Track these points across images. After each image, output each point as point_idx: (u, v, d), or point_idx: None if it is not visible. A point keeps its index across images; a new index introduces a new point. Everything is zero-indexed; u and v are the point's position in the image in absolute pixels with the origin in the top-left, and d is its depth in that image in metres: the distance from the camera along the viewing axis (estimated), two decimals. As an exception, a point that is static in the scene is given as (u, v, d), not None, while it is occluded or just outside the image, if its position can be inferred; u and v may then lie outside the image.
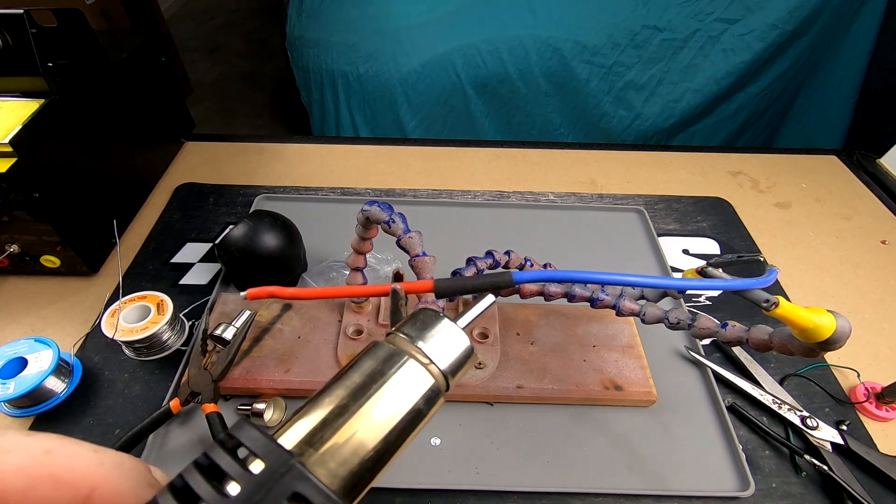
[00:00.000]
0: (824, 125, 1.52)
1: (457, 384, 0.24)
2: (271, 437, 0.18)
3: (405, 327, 0.24)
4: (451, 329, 0.24)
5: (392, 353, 0.23)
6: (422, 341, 0.23)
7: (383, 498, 0.43)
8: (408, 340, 0.23)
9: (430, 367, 0.23)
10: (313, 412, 0.20)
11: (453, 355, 0.24)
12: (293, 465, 0.17)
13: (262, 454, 0.17)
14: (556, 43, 1.42)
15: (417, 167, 0.79)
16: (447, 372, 0.23)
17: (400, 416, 0.21)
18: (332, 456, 0.19)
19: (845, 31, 1.39)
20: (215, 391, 0.45)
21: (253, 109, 2.34)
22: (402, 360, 0.22)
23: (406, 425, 0.21)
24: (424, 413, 0.22)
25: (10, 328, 0.55)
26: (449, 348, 0.24)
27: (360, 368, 0.22)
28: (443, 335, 0.24)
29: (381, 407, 0.21)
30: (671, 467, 0.45)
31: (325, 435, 0.19)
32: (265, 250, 0.52)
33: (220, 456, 0.17)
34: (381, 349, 0.23)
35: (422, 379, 0.22)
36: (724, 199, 0.75)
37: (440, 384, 0.23)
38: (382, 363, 0.22)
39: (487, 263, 0.46)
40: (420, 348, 0.23)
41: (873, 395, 0.50)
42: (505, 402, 0.48)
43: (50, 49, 0.52)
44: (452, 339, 0.24)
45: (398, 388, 0.22)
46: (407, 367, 0.22)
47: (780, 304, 0.34)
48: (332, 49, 1.49)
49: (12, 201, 0.49)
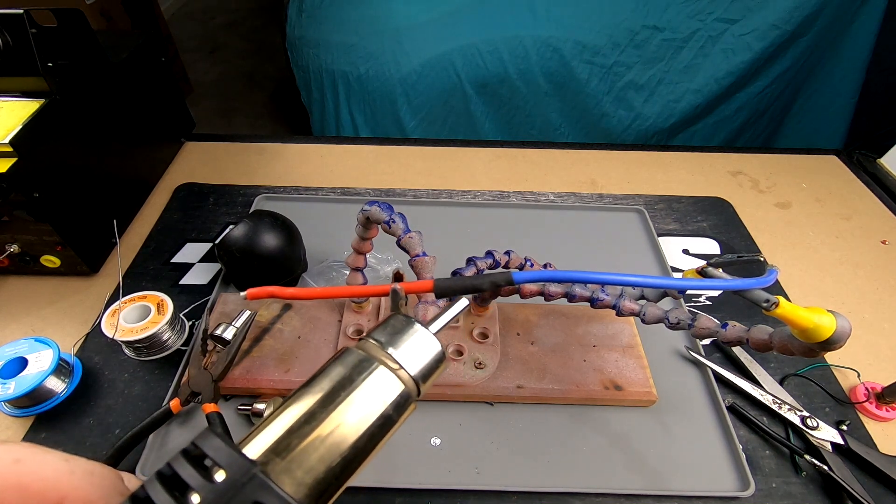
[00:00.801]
0: (824, 125, 1.52)
1: (456, 383, 0.24)
2: (235, 446, 0.18)
3: (376, 333, 0.24)
4: (423, 334, 0.24)
5: (362, 360, 0.23)
6: (392, 347, 0.23)
7: (383, 498, 0.43)
8: (378, 346, 0.23)
9: (401, 373, 0.23)
10: (280, 420, 0.20)
11: (424, 361, 0.24)
12: (255, 475, 0.17)
13: (225, 464, 0.17)
14: (556, 43, 1.42)
15: (417, 167, 0.79)
16: (418, 377, 0.23)
17: (369, 423, 0.21)
18: (298, 464, 0.19)
19: (845, 31, 1.40)
20: (215, 391, 0.45)
21: (253, 109, 2.34)
22: (371, 366, 0.22)
23: (375, 431, 0.21)
24: (395, 419, 0.22)
25: (10, 328, 0.55)
26: (420, 354, 0.24)
27: (330, 375, 0.22)
28: (414, 341, 0.24)
29: (349, 414, 0.21)
30: (671, 467, 0.45)
31: (291, 443, 0.19)
32: (265, 250, 0.52)
33: (183, 466, 0.17)
34: (351, 355, 0.23)
35: (391, 385, 0.22)
36: (724, 199, 0.75)
37: (410, 390, 0.23)
38: (352, 369, 0.22)
39: (487, 263, 0.46)
40: (390, 354, 0.23)
41: (873, 395, 0.50)
42: (505, 402, 0.48)
43: (50, 49, 0.52)
44: (424, 345, 0.24)
45: (367, 394, 0.22)
46: (377, 374, 0.22)
47: (780, 304, 0.34)
48: (332, 49, 1.49)
49: (12, 201, 0.49)
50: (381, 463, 0.44)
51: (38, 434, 0.46)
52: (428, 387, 0.24)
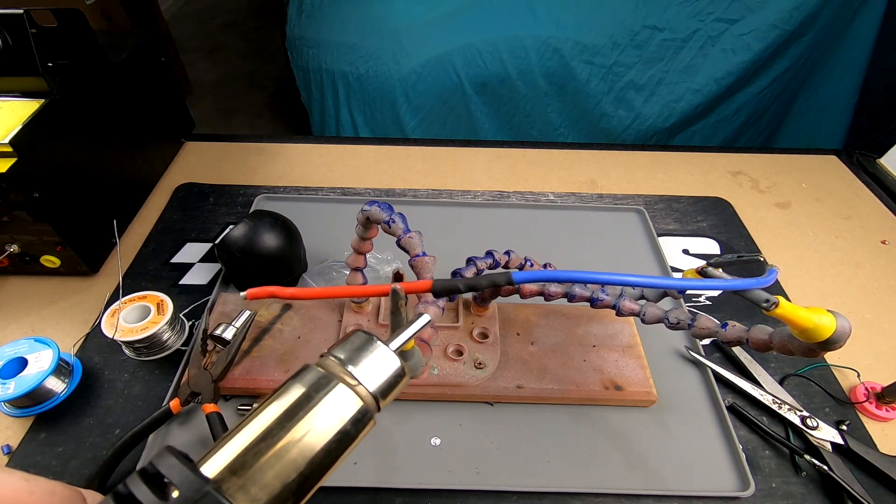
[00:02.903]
0: (824, 125, 1.52)
1: (456, 383, 0.25)
2: (191, 465, 0.18)
3: (336, 349, 0.25)
4: (383, 352, 0.25)
5: (321, 377, 0.23)
6: (352, 364, 0.24)
7: (383, 498, 0.43)
8: (338, 363, 0.24)
9: (359, 390, 0.23)
10: (239, 439, 0.20)
11: (383, 377, 0.24)
12: (207, 492, 0.17)
13: (178, 482, 0.18)
14: (556, 43, 1.42)
15: (417, 167, 0.79)
16: (377, 394, 0.24)
17: (327, 439, 0.22)
18: (253, 481, 0.19)
19: (845, 31, 1.40)
20: (215, 391, 0.45)
21: (253, 109, 2.34)
22: (330, 384, 0.23)
23: (334, 447, 0.22)
24: (353, 435, 0.23)
25: (10, 328, 0.55)
26: (380, 371, 0.24)
27: (289, 392, 0.22)
28: (373, 358, 0.25)
29: (307, 430, 0.21)
30: (671, 467, 0.45)
31: (247, 461, 0.20)
32: (265, 250, 0.52)
33: (137, 486, 0.18)
34: (310, 372, 0.23)
35: (350, 402, 0.23)
36: (724, 199, 0.75)
37: (370, 406, 0.23)
38: (311, 387, 0.23)
39: (487, 263, 0.46)
40: (350, 371, 0.24)
41: (873, 395, 0.50)
42: (505, 402, 0.48)
43: (50, 49, 0.52)
44: (383, 362, 0.25)
45: (326, 411, 0.22)
46: (336, 391, 0.23)
47: (780, 304, 0.34)
48: (332, 49, 1.49)
49: (12, 201, 0.49)
50: (381, 463, 0.44)
51: (37, 434, 0.46)
52: (387, 402, 0.25)
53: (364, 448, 0.45)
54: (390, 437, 0.46)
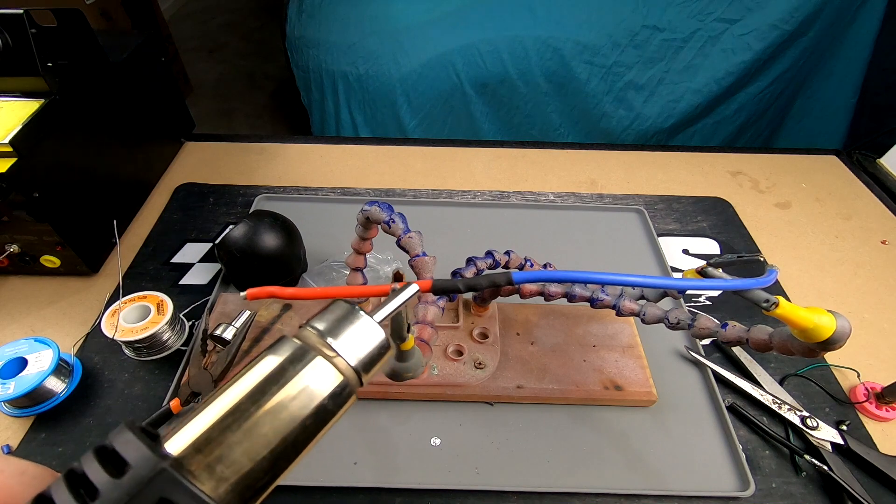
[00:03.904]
0: (824, 125, 1.52)
1: (456, 383, 0.24)
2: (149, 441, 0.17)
3: (314, 320, 0.23)
4: (365, 322, 0.23)
5: (297, 349, 0.22)
6: (331, 336, 0.22)
7: (383, 498, 0.43)
8: (316, 334, 0.22)
9: (338, 362, 0.22)
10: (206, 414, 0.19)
11: (366, 350, 0.23)
12: (163, 469, 0.16)
13: (132, 460, 0.16)
14: (556, 43, 1.42)
15: (417, 167, 0.79)
16: (358, 367, 0.22)
17: (303, 415, 0.20)
18: (219, 459, 0.18)
19: (845, 31, 1.40)
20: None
21: (253, 109, 2.34)
22: (307, 356, 0.21)
23: (310, 423, 0.20)
24: (332, 410, 0.21)
25: (10, 328, 0.55)
26: (362, 343, 0.23)
27: (263, 365, 0.21)
28: (356, 329, 0.23)
29: (280, 405, 0.20)
30: (671, 467, 0.45)
31: (213, 437, 0.18)
32: (265, 250, 0.52)
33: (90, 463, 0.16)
34: (286, 344, 0.22)
35: (328, 375, 0.21)
36: (724, 199, 0.75)
37: (350, 380, 0.22)
38: (286, 359, 0.21)
39: (487, 263, 0.46)
40: (329, 343, 0.22)
41: (873, 395, 0.50)
42: (505, 402, 0.48)
43: (50, 49, 0.52)
44: (366, 333, 0.23)
45: (302, 385, 0.21)
46: (313, 364, 0.21)
47: (780, 304, 0.34)
48: (332, 49, 1.49)
49: (12, 201, 0.49)
50: (381, 463, 0.44)
51: (37, 434, 0.46)
52: (371, 377, 0.23)
53: (364, 448, 0.45)
54: (390, 437, 0.46)
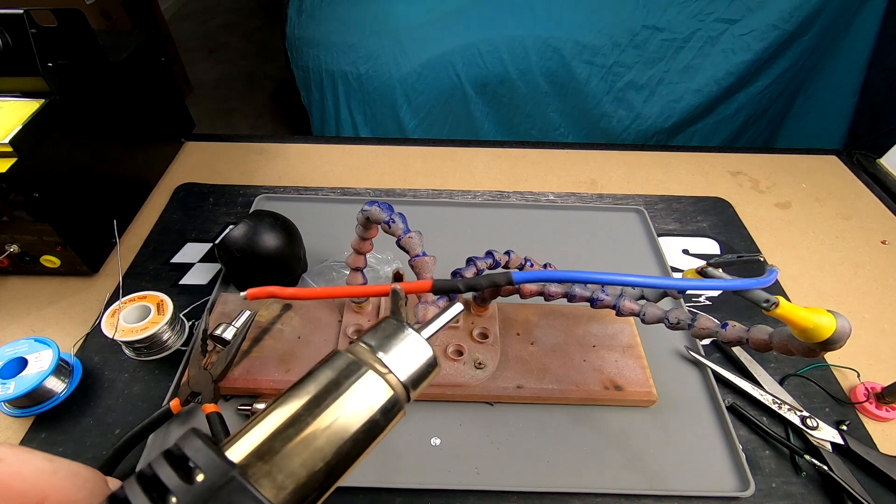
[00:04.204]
0: (824, 125, 1.52)
1: (456, 383, 0.24)
2: (217, 448, 0.18)
3: (367, 336, 0.24)
4: (415, 340, 0.24)
5: (350, 364, 0.22)
6: (382, 351, 0.23)
7: (383, 498, 0.43)
8: (368, 350, 0.23)
9: (390, 378, 0.23)
10: (266, 423, 0.20)
11: (415, 366, 0.24)
12: (233, 477, 0.17)
13: (203, 466, 0.17)
14: (556, 43, 1.42)
15: (417, 167, 0.79)
16: (408, 383, 0.23)
17: (355, 428, 0.21)
18: (280, 468, 0.18)
19: (845, 31, 1.39)
20: (215, 391, 0.45)
21: (253, 109, 2.34)
22: (360, 370, 0.22)
23: (361, 437, 0.21)
24: (382, 425, 0.22)
25: (10, 328, 0.55)
26: (411, 359, 0.24)
27: (318, 379, 0.22)
28: (405, 346, 0.24)
29: (335, 418, 0.21)
30: (671, 467, 0.45)
31: (274, 446, 0.19)
32: (265, 250, 0.52)
33: (163, 467, 0.17)
34: (339, 359, 0.23)
35: (380, 390, 0.22)
36: (724, 199, 0.75)
37: (400, 395, 0.23)
38: (340, 373, 0.22)
39: (487, 263, 0.46)
40: (380, 358, 0.23)
41: (873, 395, 0.50)
42: (505, 402, 0.48)
43: (50, 49, 0.52)
44: (415, 350, 0.24)
45: (355, 399, 0.21)
46: (365, 379, 0.22)
47: (780, 304, 0.34)
48: (332, 49, 1.49)
49: (12, 201, 0.49)
50: (381, 463, 0.44)
51: (37, 434, 0.46)
52: (418, 393, 0.24)
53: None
54: (390, 437, 0.45)
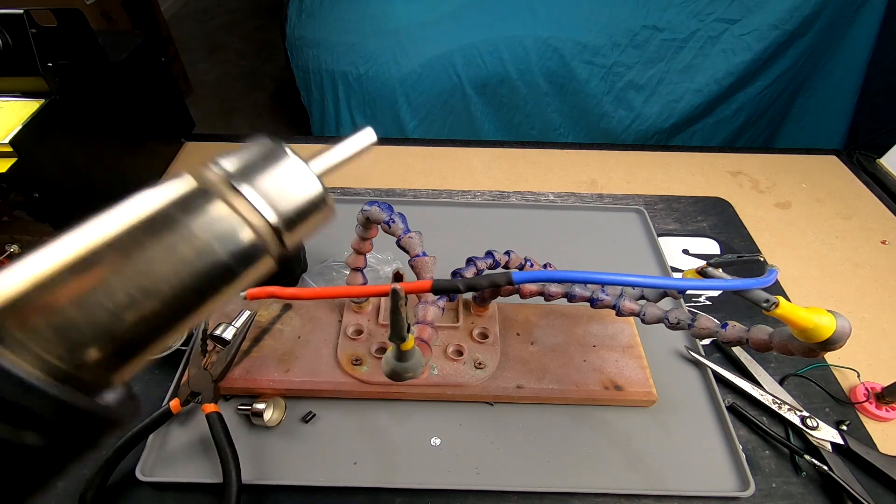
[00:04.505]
0: (824, 125, 1.52)
1: (456, 383, 0.23)
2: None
3: (224, 158, 0.17)
4: (293, 166, 0.18)
5: (193, 191, 0.17)
6: (244, 180, 0.17)
7: (383, 498, 0.43)
8: (223, 176, 0.17)
9: (249, 214, 0.17)
10: (41, 259, 0.14)
11: (291, 202, 0.17)
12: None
13: None
14: (556, 43, 1.42)
15: (417, 167, 0.79)
16: (279, 224, 0.17)
17: (190, 274, 0.16)
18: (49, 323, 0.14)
19: (845, 31, 1.39)
20: (215, 391, 0.45)
21: (253, 109, 2.34)
22: (205, 200, 0.16)
23: (204, 284, 0.16)
24: (236, 272, 0.16)
25: (10, 328, 0.54)
26: (286, 192, 0.17)
27: (139, 204, 0.16)
28: (280, 173, 0.17)
29: (159, 261, 0.15)
30: (671, 467, 0.45)
31: (45, 298, 0.14)
32: (265, 250, 0.52)
33: None
34: (181, 182, 0.17)
35: (231, 229, 0.16)
36: (724, 199, 0.75)
37: (265, 237, 0.17)
38: (176, 202, 0.16)
39: (487, 263, 0.46)
40: (238, 188, 0.17)
41: (873, 395, 0.50)
42: (505, 402, 0.48)
43: (50, 49, 0.52)
44: (293, 180, 0.18)
45: (193, 237, 0.16)
46: (211, 212, 0.16)
47: (780, 304, 0.34)
48: (332, 49, 1.49)
49: (12, 201, 0.49)
50: (381, 463, 0.44)
51: (38, 434, 0.46)
52: (297, 237, 0.18)
53: (364, 448, 0.45)
54: (390, 437, 0.46)
